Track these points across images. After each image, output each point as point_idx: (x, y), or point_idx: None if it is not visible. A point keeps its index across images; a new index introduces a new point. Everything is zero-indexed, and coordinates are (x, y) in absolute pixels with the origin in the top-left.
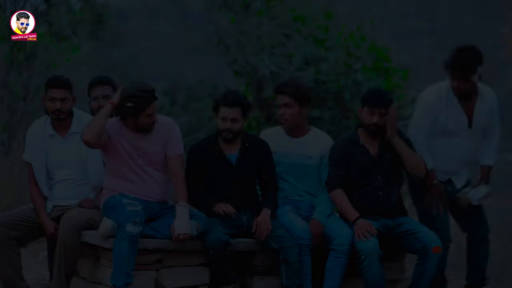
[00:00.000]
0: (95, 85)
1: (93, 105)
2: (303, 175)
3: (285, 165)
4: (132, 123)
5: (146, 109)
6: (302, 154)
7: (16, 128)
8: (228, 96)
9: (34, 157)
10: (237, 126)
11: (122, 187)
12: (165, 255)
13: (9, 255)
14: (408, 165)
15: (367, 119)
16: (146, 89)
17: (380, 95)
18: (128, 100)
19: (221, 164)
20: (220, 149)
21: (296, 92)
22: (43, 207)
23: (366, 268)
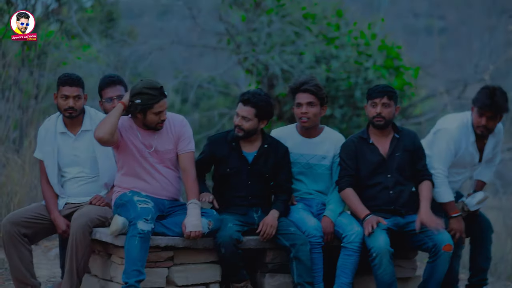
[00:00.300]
0: (107, 86)
1: (107, 106)
2: (316, 175)
3: (299, 165)
4: (140, 120)
5: (154, 106)
6: (316, 155)
7: (27, 126)
8: (246, 94)
9: (46, 155)
10: (248, 125)
11: (133, 184)
12: (176, 253)
13: (21, 252)
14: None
15: (370, 112)
16: (154, 86)
17: (379, 86)
18: (136, 97)
19: (236, 160)
20: (239, 145)
21: (319, 91)
22: (55, 204)
23: (377, 265)
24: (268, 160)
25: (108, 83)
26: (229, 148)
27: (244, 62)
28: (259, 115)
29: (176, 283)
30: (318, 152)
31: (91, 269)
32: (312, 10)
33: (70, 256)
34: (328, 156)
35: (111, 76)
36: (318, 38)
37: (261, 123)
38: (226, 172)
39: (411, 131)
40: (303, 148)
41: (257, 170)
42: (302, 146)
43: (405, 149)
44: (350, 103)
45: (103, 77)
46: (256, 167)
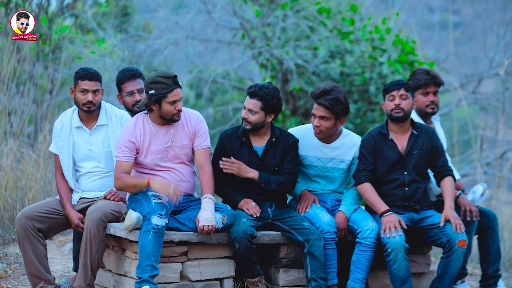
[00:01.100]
0: (127, 80)
1: (127, 99)
2: (333, 178)
3: (316, 168)
4: (157, 113)
5: (167, 96)
6: (334, 159)
7: (42, 120)
8: (253, 87)
9: (61, 149)
10: (254, 118)
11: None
12: (190, 248)
13: (35, 247)
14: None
15: (389, 105)
16: (167, 74)
17: (396, 81)
18: (150, 87)
19: (246, 154)
20: (248, 140)
21: (334, 106)
22: (69, 199)
23: (392, 261)
24: (276, 153)
25: (128, 77)
26: (239, 143)
27: (259, 57)
28: (265, 108)
29: (190, 278)
30: (337, 156)
31: (105, 264)
32: (327, 5)
33: (84, 251)
34: (346, 160)
35: (130, 69)
36: (333, 32)
37: (268, 117)
38: None
39: (429, 127)
40: (320, 152)
41: (267, 163)
42: (319, 151)
43: (423, 147)
44: (364, 98)
45: (121, 70)
46: (265, 160)
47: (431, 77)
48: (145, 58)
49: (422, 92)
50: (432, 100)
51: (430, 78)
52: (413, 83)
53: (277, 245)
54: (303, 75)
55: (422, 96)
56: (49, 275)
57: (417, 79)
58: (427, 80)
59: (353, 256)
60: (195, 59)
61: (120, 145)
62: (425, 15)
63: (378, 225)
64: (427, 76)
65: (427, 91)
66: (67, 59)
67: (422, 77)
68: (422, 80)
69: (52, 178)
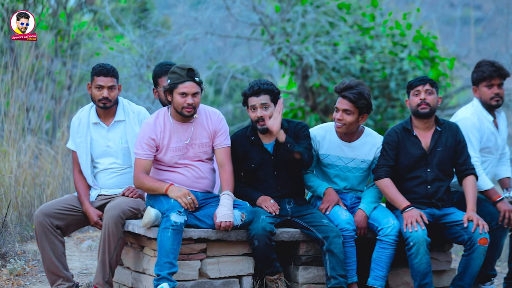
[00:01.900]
0: (165, 74)
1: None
2: (353, 178)
3: (336, 168)
4: (172, 105)
5: (178, 86)
6: (355, 159)
7: (60, 117)
8: (253, 85)
9: (78, 145)
10: (268, 113)
11: (166, 176)
12: (209, 245)
13: (53, 244)
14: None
15: (414, 101)
16: (183, 66)
17: (421, 76)
18: (168, 77)
19: (259, 153)
20: (258, 138)
21: (359, 100)
22: (87, 195)
23: (414, 254)
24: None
25: (166, 71)
26: (250, 143)
27: (278, 53)
28: (273, 100)
29: (208, 275)
30: (358, 156)
31: (123, 261)
32: (347, 0)
33: (102, 248)
34: (367, 160)
35: (168, 64)
36: (353, 28)
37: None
38: (251, 167)
39: (453, 123)
40: (342, 152)
41: (280, 158)
42: (340, 150)
43: (447, 143)
44: (384, 94)
45: (159, 64)
46: (278, 155)
47: (495, 69)
48: (164, 54)
49: (486, 84)
50: (496, 93)
51: (494, 70)
52: (477, 75)
53: (296, 242)
54: (323, 71)
55: (487, 88)
56: (67, 272)
57: (482, 71)
58: (492, 72)
59: (374, 254)
60: (214, 55)
61: (140, 142)
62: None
63: (399, 222)
64: (492, 67)
65: (492, 83)
66: (86, 55)
67: (487, 69)
68: (487, 72)
69: (70, 175)
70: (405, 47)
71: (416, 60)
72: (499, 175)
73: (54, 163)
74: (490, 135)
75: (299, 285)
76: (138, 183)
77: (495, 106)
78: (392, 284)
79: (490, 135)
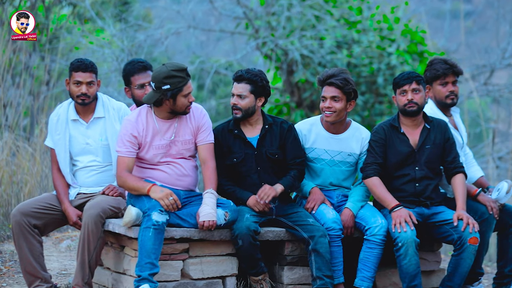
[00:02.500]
0: (138, 72)
1: (138, 93)
2: (340, 172)
3: (322, 161)
4: (169, 107)
5: (183, 89)
6: (342, 152)
7: (38, 113)
8: (239, 71)
9: (57, 143)
10: (244, 103)
11: (148, 174)
12: (192, 245)
13: (31, 244)
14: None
15: (401, 100)
16: (181, 67)
17: (405, 73)
18: (164, 82)
19: (241, 147)
20: (241, 131)
21: (346, 86)
22: (66, 194)
23: (402, 256)
24: (273, 140)
25: (139, 69)
26: (233, 137)
27: (263, 47)
28: (255, 92)
29: (191, 276)
30: (344, 149)
31: (103, 261)
32: None
33: (82, 248)
34: (354, 154)
35: (140, 61)
36: (340, 22)
37: (258, 101)
38: (233, 162)
39: (442, 121)
40: (328, 144)
41: (264, 153)
42: (327, 142)
43: (436, 141)
44: (372, 89)
45: (130, 62)
46: (262, 150)
47: (449, 66)
48: (145, 49)
49: (440, 83)
50: (451, 90)
51: (448, 68)
52: (430, 74)
53: (281, 242)
54: (309, 66)
55: (441, 86)
56: (45, 273)
57: (435, 69)
58: (445, 69)
59: (361, 254)
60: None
61: (122, 139)
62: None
63: (387, 222)
64: (445, 65)
65: (446, 81)
66: (65, 50)
67: (440, 67)
68: (440, 70)
69: (49, 173)
70: (393, 41)
71: (405, 55)
72: (473, 178)
73: (32, 161)
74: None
75: (284, 285)
76: (121, 181)
77: (450, 105)
78: (379, 285)
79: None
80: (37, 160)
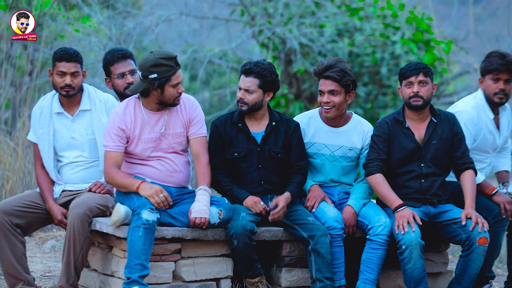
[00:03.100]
0: (118, 61)
1: (118, 82)
2: (340, 167)
3: (322, 156)
4: (157, 97)
5: (171, 78)
6: (343, 146)
7: (20, 105)
8: (248, 64)
9: (40, 137)
10: (252, 98)
11: (137, 170)
12: (184, 245)
13: (13, 244)
14: None
15: (406, 92)
16: (169, 55)
17: (412, 64)
18: (151, 71)
19: (244, 141)
20: (245, 125)
21: (343, 78)
22: (51, 191)
23: (407, 259)
24: (278, 139)
25: (118, 58)
26: (236, 130)
27: (259, 36)
28: (263, 86)
29: (183, 278)
30: (345, 143)
31: (90, 263)
32: None
33: (67, 248)
34: (355, 148)
35: (120, 49)
36: (341, 9)
37: (266, 96)
38: (234, 156)
39: (450, 114)
40: (328, 138)
41: (267, 151)
42: (327, 136)
43: (443, 136)
44: (375, 80)
45: (109, 51)
46: (266, 147)
47: (505, 63)
48: (135, 37)
49: (492, 78)
50: (502, 88)
51: (504, 64)
52: (484, 66)
53: (279, 242)
54: (308, 55)
55: (492, 82)
56: (28, 275)
57: (489, 62)
58: (500, 65)
59: (363, 255)
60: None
61: (109, 133)
62: None
63: (391, 221)
64: (501, 60)
65: (498, 77)
66: (49, 38)
67: (495, 61)
68: (495, 64)
69: (32, 169)
70: (398, 29)
71: (410, 44)
72: (498, 168)
73: (14, 156)
74: (488, 133)
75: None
76: (109, 178)
77: (498, 104)
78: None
79: (487, 134)
80: (19, 155)
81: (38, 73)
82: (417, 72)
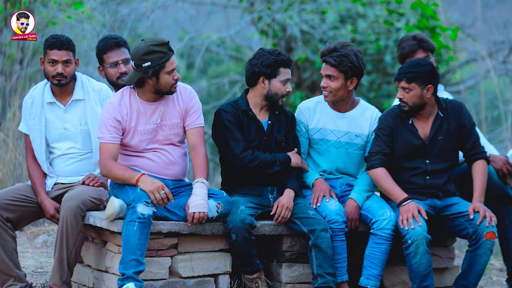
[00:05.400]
0: (111, 49)
1: (111, 71)
2: (346, 154)
3: (328, 142)
4: (152, 86)
5: (166, 65)
6: (349, 132)
7: (11, 95)
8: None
9: (32, 128)
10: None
11: (133, 162)
12: (181, 240)
13: (3, 239)
14: None
15: (397, 96)
16: (161, 42)
17: (404, 65)
18: (144, 59)
19: (254, 130)
20: (254, 113)
21: (341, 64)
22: (42, 184)
23: (412, 254)
24: (280, 127)
25: (111, 46)
26: (247, 119)
27: (259, 22)
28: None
29: (180, 274)
30: (352, 129)
31: (83, 258)
32: None
33: (59, 244)
34: (363, 135)
35: (113, 37)
36: None
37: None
38: (252, 145)
39: (458, 103)
40: (334, 124)
41: (274, 138)
42: (333, 122)
43: (449, 131)
44: (379, 68)
45: (102, 39)
46: (272, 136)
47: (416, 42)
48: (129, 24)
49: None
50: None
51: (415, 43)
52: (399, 54)
53: (279, 237)
54: (309, 43)
55: None
56: (19, 271)
57: (402, 48)
58: (412, 45)
59: (367, 250)
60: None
61: (105, 124)
62: None
63: (396, 215)
64: (413, 41)
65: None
66: (40, 25)
67: (407, 44)
68: (407, 47)
69: (23, 161)
70: (402, 15)
71: (415, 31)
72: None
73: (4, 148)
74: None
75: (283, 284)
76: (106, 171)
77: None
78: (387, 284)
79: None
80: (9, 147)
81: (29, 61)
82: (400, 78)
